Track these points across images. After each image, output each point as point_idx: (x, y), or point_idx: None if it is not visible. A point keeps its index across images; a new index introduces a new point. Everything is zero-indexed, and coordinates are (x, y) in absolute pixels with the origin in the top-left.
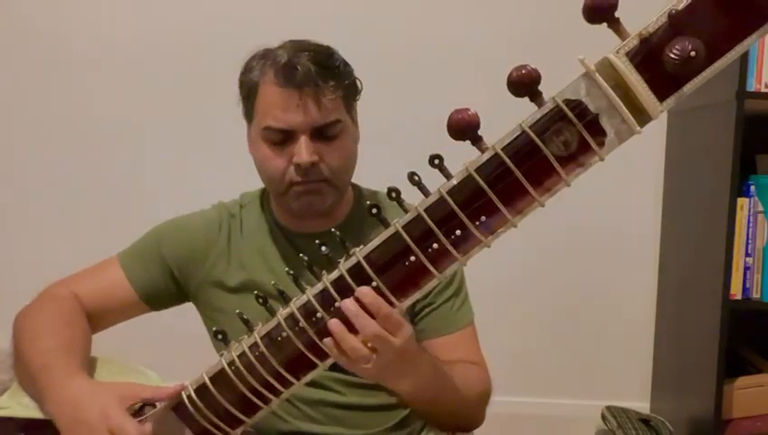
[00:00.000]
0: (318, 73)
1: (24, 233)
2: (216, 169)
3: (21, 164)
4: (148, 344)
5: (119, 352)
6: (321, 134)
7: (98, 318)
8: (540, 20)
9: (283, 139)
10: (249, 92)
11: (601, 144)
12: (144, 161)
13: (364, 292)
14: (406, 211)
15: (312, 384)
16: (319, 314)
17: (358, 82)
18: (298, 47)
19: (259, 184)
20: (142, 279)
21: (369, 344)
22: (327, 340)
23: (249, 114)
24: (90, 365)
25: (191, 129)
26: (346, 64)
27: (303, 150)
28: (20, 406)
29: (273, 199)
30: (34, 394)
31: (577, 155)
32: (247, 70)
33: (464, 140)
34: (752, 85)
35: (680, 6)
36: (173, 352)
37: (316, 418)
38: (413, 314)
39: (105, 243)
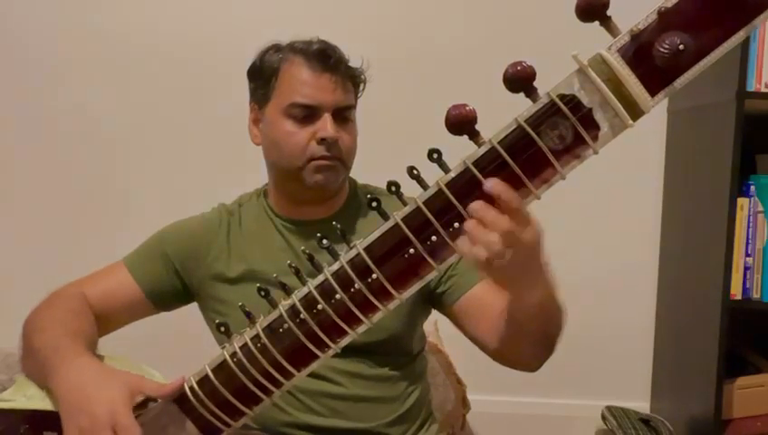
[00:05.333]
0: (345, 62)
1: (28, 236)
2: (217, 175)
3: (20, 166)
4: (150, 344)
5: (122, 351)
6: (340, 115)
7: (105, 319)
8: (534, 18)
9: (306, 115)
10: (270, 75)
11: (595, 138)
12: (145, 169)
13: (493, 183)
14: (405, 204)
15: (313, 375)
16: (320, 306)
17: (363, 77)
18: (319, 41)
19: (255, 186)
20: (147, 278)
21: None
22: (461, 238)
23: (266, 96)
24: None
25: (193, 134)
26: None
27: (329, 126)
28: (25, 398)
29: (281, 180)
30: (41, 378)
31: (571, 148)
32: (264, 57)
33: (461, 134)
34: (752, 85)
35: (669, 4)
36: (176, 351)
37: (317, 409)
38: (430, 291)
39: (109, 249)
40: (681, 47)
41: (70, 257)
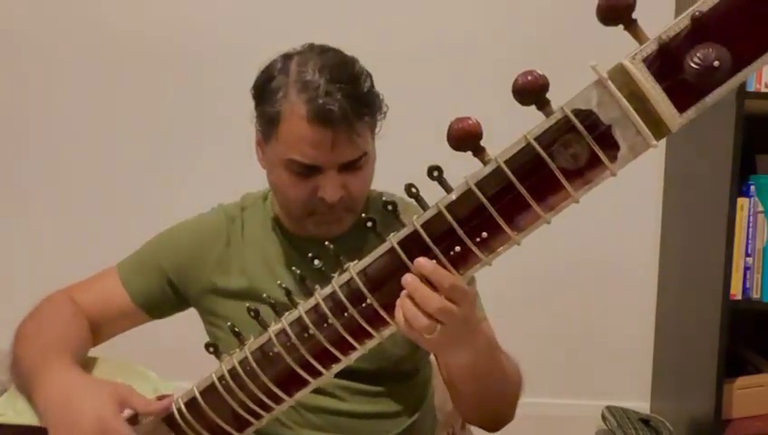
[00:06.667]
0: (353, 110)
1: (28, 236)
2: (219, 174)
3: (22, 166)
4: (147, 344)
5: (118, 351)
6: (348, 167)
7: (98, 327)
8: (550, 22)
9: (307, 172)
10: (270, 115)
11: (613, 158)
12: (146, 169)
13: (423, 263)
14: (403, 225)
15: (315, 391)
16: (311, 331)
17: (384, 107)
18: (328, 74)
19: (258, 184)
20: (139, 288)
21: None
22: (397, 305)
23: (266, 136)
24: (88, 364)
25: (195, 133)
26: (373, 87)
27: (331, 188)
28: (14, 412)
29: (284, 214)
30: (26, 390)
31: (586, 170)
32: (268, 81)
33: (465, 150)
34: (752, 85)
35: (704, 8)
36: (172, 352)
37: (319, 425)
38: None
39: (110, 249)
40: (716, 63)
41: (70, 257)
